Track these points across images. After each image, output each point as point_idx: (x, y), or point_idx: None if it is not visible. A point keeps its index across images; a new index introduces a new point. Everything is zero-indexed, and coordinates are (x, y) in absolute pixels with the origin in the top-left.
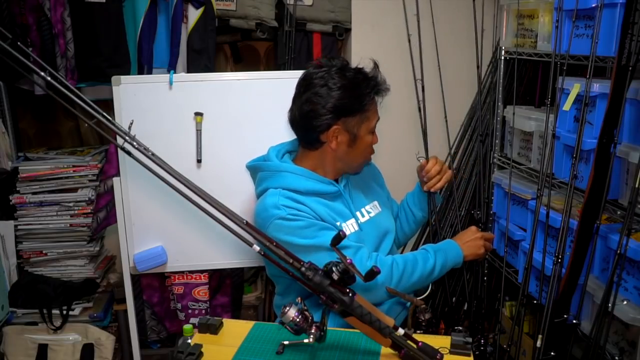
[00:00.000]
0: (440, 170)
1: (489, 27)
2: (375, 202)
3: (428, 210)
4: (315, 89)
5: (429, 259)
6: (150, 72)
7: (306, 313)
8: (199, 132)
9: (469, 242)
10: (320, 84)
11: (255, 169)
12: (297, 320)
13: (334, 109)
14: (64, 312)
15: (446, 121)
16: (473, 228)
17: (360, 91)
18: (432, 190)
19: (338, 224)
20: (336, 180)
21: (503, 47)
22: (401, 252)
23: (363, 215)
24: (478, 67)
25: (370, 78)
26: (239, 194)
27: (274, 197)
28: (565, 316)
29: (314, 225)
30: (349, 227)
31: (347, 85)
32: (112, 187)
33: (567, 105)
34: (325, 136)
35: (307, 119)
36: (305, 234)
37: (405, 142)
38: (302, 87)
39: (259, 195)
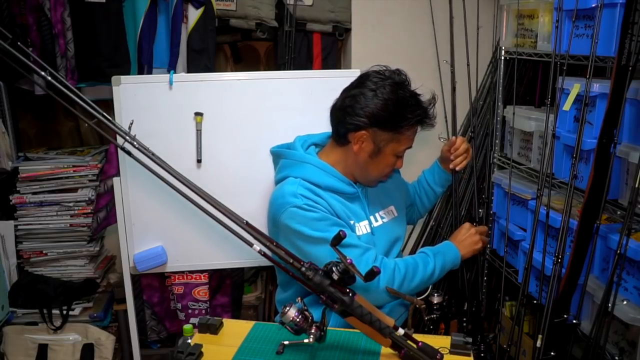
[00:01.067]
0: (467, 149)
1: (489, 27)
2: (392, 207)
3: (453, 186)
4: (364, 90)
5: (429, 263)
6: (150, 72)
7: (306, 313)
8: (199, 132)
9: (464, 240)
10: (370, 87)
11: (279, 155)
12: (297, 320)
13: (371, 115)
14: (64, 312)
15: (446, 121)
16: (466, 225)
17: (404, 113)
18: (457, 168)
19: (352, 222)
20: (355, 182)
21: (503, 47)
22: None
23: (377, 220)
24: (468, 65)
25: (420, 107)
26: (239, 194)
27: (292, 186)
28: (565, 316)
29: (327, 219)
30: (362, 228)
31: (394, 100)
32: (112, 187)
33: (567, 105)
34: (352, 136)
35: (343, 113)
36: (317, 226)
37: None
38: (356, 82)
39: (277, 182)
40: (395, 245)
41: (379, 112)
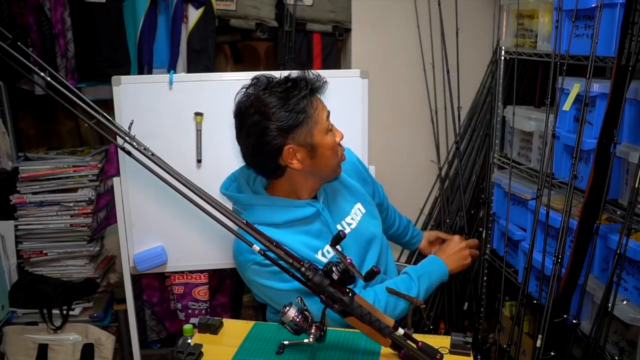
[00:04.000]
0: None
1: (489, 27)
2: (359, 205)
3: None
4: (251, 119)
5: (412, 288)
6: (150, 72)
7: (306, 313)
8: (199, 132)
9: (453, 255)
10: (251, 112)
11: (230, 199)
12: (297, 320)
13: (278, 130)
14: (64, 312)
15: (450, 120)
16: (456, 238)
17: (295, 99)
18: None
19: (319, 253)
20: (315, 197)
21: (503, 47)
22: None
23: (344, 228)
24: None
25: (298, 81)
26: None
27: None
28: (565, 316)
29: None
30: (330, 250)
31: (280, 100)
32: (112, 187)
33: (567, 105)
34: (282, 160)
35: (257, 152)
36: (283, 277)
37: (402, 141)
38: (238, 121)
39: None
40: (372, 247)
41: (280, 122)
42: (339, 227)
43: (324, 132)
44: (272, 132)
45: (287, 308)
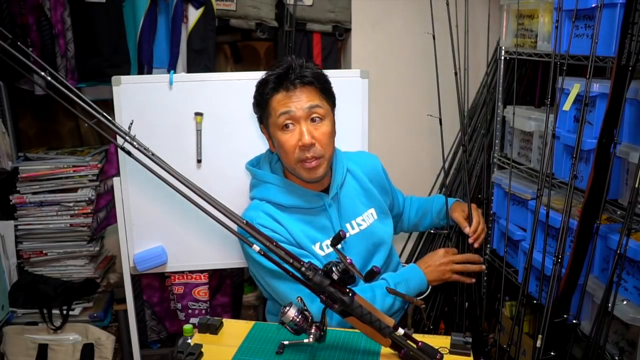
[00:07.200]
0: (483, 229)
1: (488, 27)
2: (372, 210)
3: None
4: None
5: (388, 296)
6: (150, 72)
7: (306, 313)
8: (199, 132)
9: (432, 267)
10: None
11: (249, 172)
12: (297, 320)
13: (254, 107)
14: (64, 312)
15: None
16: (440, 252)
17: (260, 87)
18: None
19: (317, 245)
20: (326, 190)
21: (503, 47)
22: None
23: (353, 228)
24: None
25: (270, 68)
26: (239, 194)
27: (254, 212)
28: (565, 316)
29: None
30: (329, 245)
31: (260, 83)
32: (112, 187)
33: (567, 105)
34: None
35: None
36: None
37: (403, 140)
38: None
39: (251, 199)
40: (379, 251)
41: (255, 100)
42: (347, 226)
43: (277, 127)
44: (255, 107)
45: (287, 308)
